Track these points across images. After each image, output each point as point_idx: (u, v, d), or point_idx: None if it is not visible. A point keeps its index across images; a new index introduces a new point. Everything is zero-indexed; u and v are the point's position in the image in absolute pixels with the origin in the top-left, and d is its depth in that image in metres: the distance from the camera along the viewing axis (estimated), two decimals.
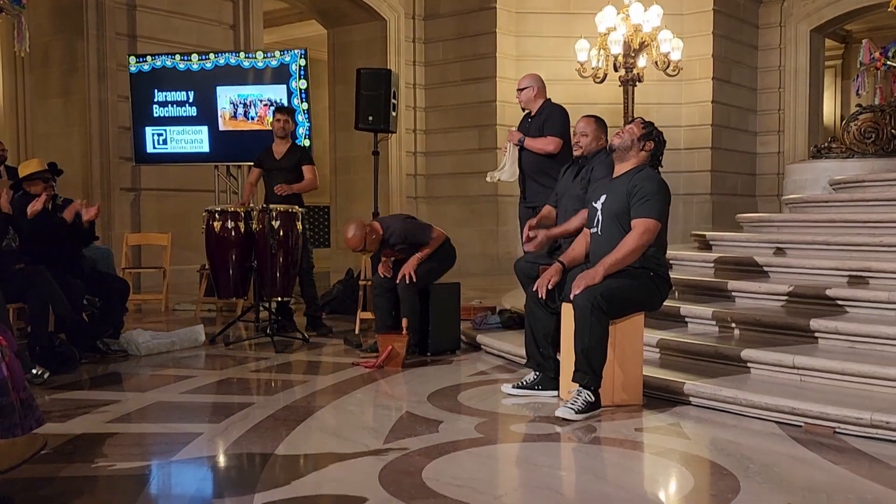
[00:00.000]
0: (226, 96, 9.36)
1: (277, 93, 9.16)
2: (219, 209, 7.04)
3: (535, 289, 4.83)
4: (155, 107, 9.57)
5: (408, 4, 14.87)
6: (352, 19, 14.84)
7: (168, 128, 9.58)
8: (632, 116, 9.80)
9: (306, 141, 8.89)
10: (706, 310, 5.57)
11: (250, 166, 8.18)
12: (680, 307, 5.71)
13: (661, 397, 4.77)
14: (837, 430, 4.03)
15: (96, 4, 11.00)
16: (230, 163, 9.73)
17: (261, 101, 9.25)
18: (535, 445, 4.08)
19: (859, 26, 18.01)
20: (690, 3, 14.41)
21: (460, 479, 3.44)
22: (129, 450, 3.95)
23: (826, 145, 8.99)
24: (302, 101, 9.07)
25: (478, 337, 6.66)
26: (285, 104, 8.85)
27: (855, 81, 10.51)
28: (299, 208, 7.11)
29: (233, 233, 6.94)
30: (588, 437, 4.14)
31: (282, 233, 6.85)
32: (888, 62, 9.44)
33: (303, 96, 9.10)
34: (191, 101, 9.48)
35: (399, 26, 14.75)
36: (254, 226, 6.92)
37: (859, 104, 9.11)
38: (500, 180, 6.71)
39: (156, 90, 9.55)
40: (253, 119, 9.31)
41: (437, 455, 3.76)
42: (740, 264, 6.24)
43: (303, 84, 9.10)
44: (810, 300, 5.31)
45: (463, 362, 6.20)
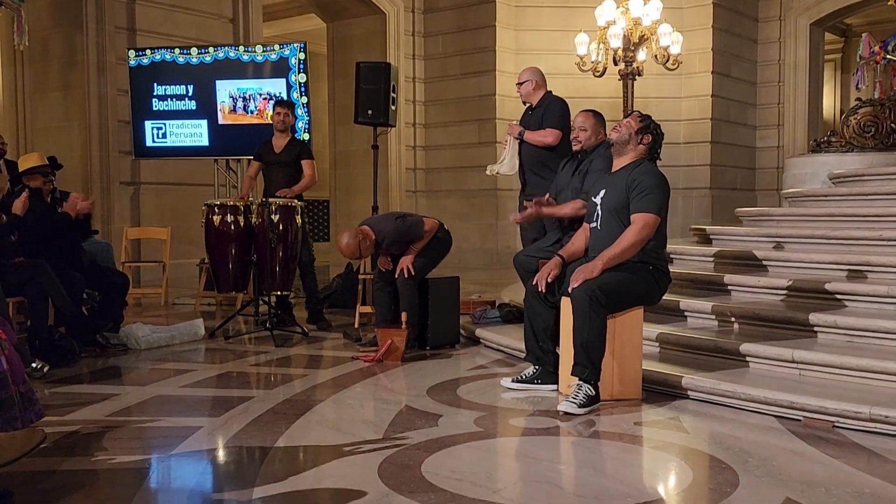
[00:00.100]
0: (225, 90, 9.35)
1: (277, 86, 9.15)
2: (218, 203, 7.04)
3: (535, 283, 4.83)
4: (154, 100, 9.55)
5: None
6: (351, 13, 14.84)
7: (167, 121, 9.57)
8: (631, 110, 9.79)
9: (305, 135, 8.88)
10: (705, 304, 5.57)
11: (249, 160, 8.17)
12: (679, 301, 5.71)
13: (660, 391, 4.78)
14: (836, 424, 4.04)
15: None
16: (230, 157, 9.72)
17: (260, 95, 9.23)
18: (535, 439, 4.08)
19: (859, 20, 18.01)
20: None
21: (459, 472, 3.45)
22: (128, 443, 3.95)
23: (825, 139, 9.00)
24: (301, 95, 9.06)
25: (477, 331, 6.67)
26: (285, 98, 8.84)
27: (854, 75, 10.51)
28: (298, 202, 7.11)
29: (232, 227, 6.93)
30: (587, 430, 4.15)
31: (281, 227, 6.85)
32: (888, 56, 9.44)
33: (302, 90, 9.09)
34: (190, 94, 9.46)
35: (398, 20, 14.74)
36: (253, 220, 6.92)
37: (859, 98, 9.11)
38: (499, 173, 6.70)
39: (155, 84, 9.54)
40: (252, 113, 9.29)
41: (436, 449, 3.76)
42: (740, 258, 6.24)
43: (302, 78, 9.09)
44: (809, 294, 5.31)
45: (462, 356, 6.21)
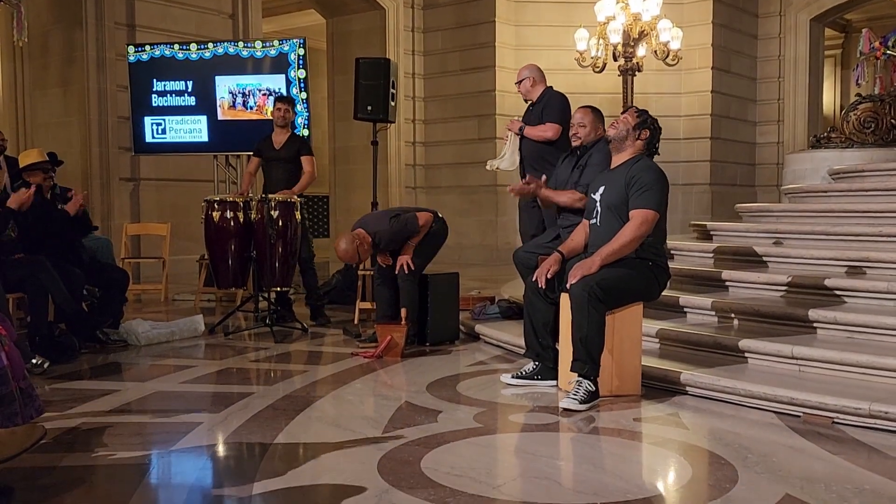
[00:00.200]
0: (224, 86, 9.34)
1: (276, 82, 9.14)
2: (218, 199, 7.04)
3: (535, 279, 4.83)
4: (154, 96, 9.54)
5: None
6: (351, 8, 14.81)
7: (167, 117, 9.56)
8: (634, 106, 9.78)
9: (305, 131, 8.88)
10: (705, 300, 5.57)
11: (249, 156, 8.17)
12: (679, 297, 5.71)
13: (659, 387, 4.78)
14: (836, 420, 4.04)
15: None
16: (229, 152, 9.72)
17: (259, 91, 9.23)
18: (534, 435, 4.08)
19: (859, 15, 17.99)
20: None
21: (459, 468, 3.45)
22: (128, 439, 3.95)
23: (825, 135, 8.99)
24: (301, 91, 9.05)
25: (477, 327, 6.67)
26: (284, 94, 8.84)
27: (854, 71, 10.50)
28: (298, 198, 7.11)
29: (232, 223, 6.93)
30: (587, 426, 4.15)
31: (280, 223, 6.85)
32: (888, 52, 9.43)
33: (301, 86, 9.08)
34: (189, 90, 9.46)
35: (398, 15, 14.72)
36: (252, 216, 6.92)
37: (859, 94, 9.10)
38: (499, 168, 6.70)
39: (154, 80, 9.52)
40: (252, 108, 9.29)
41: (435, 445, 3.77)
42: (739, 254, 6.24)
43: (301, 73, 9.08)
44: (809, 290, 5.32)
45: (462, 352, 6.21)
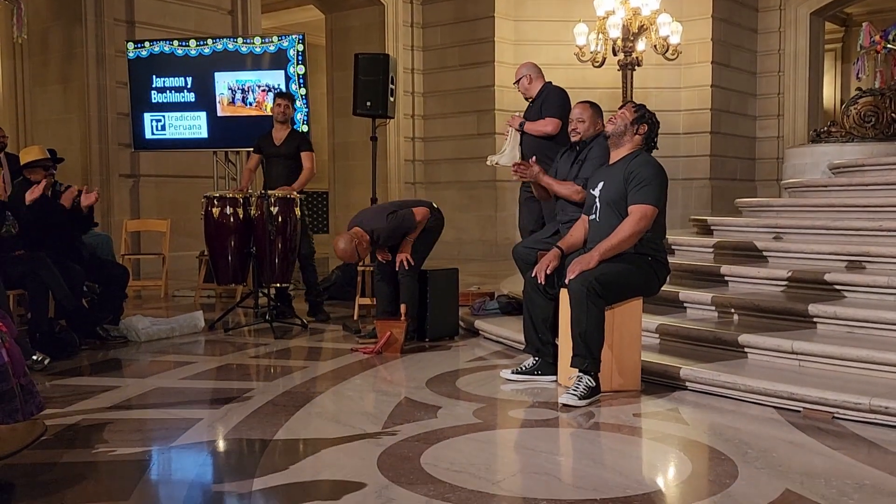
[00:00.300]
0: (224, 82, 9.33)
1: (275, 78, 9.13)
2: (217, 195, 7.03)
3: (534, 274, 4.83)
4: (153, 93, 9.54)
5: None
6: (350, 4, 14.80)
7: (166, 114, 9.55)
8: (631, 101, 9.77)
9: (304, 127, 8.87)
10: (705, 295, 5.57)
11: (249, 152, 8.16)
12: (679, 292, 5.71)
13: (659, 382, 4.78)
14: (836, 415, 4.04)
15: None
16: (229, 149, 9.71)
17: (259, 87, 9.22)
18: (534, 431, 4.09)
19: (859, 9, 17.96)
20: None
21: (458, 464, 3.45)
22: (129, 436, 3.96)
23: (826, 129, 8.99)
24: (300, 87, 9.04)
25: (476, 322, 6.67)
26: (283, 90, 8.83)
27: (855, 65, 10.50)
28: (298, 195, 7.10)
29: (231, 219, 6.93)
30: (586, 422, 4.15)
31: (280, 219, 6.84)
32: (888, 45, 9.42)
33: (301, 82, 9.07)
34: (189, 86, 9.45)
35: (397, 11, 14.70)
36: (252, 212, 6.92)
37: (859, 88, 9.09)
38: (498, 164, 6.70)
39: (154, 76, 9.52)
40: (251, 104, 9.28)
41: (435, 440, 3.77)
42: (739, 249, 6.24)
43: (301, 69, 9.08)
44: (809, 285, 5.31)
45: (461, 348, 6.21)
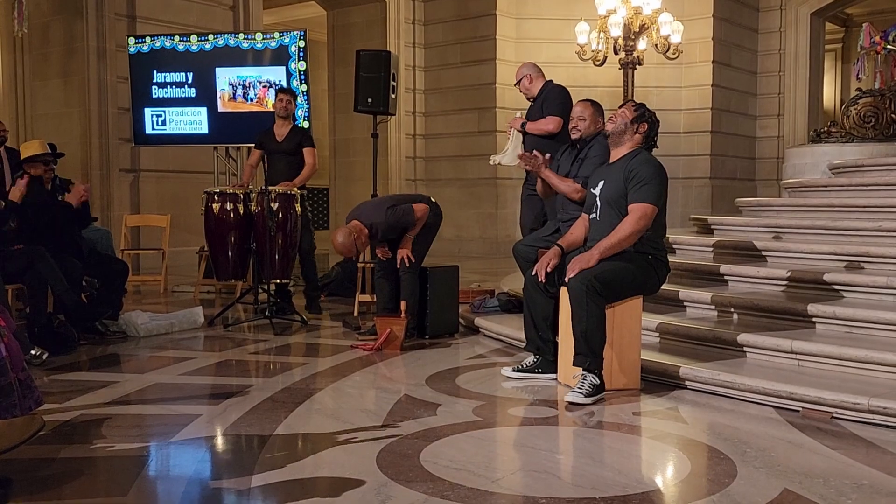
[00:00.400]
0: (225, 77, 9.32)
1: (276, 74, 9.12)
2: (218, 191, 7.03)
3: (534, 273, 4.83)
4: (154, 88, 9.53)
5: None
6: (351, 0, 14.78)
7: (167, 109, 9.54)
8: (631, 99, 9.77)
9: (305, 123, 8.86)
10: (705, 294, 5.57)
11: (249, 148, 8.15)
12: (679, 291, 5.71)
13: (659, 381, 4.78)
14: (835, 415, 4.04)
15: None
16: (229, 144, 9.70)
17: (260, 83, 9.21)
18: (533, 429, 4.08)
19: (860, 10, 17.97)
20: None
21: (458, 462, 3.45)
22: (127, 431, 3.95)
23: (826, 129, 8.99)
24: (301, 83, 9.03)
25: (476, 320, 6.67)
26: (284, 85, 8.82)
27: (855, 65, 10.51)
28: (301, 190, 7.09)
29: (232, 215, 6.93)
30: (586, 421, 4.15)
31: (280, 215, 6.84)
32: (888, 46, 9.42)
33: (302, 78, 9.06)
34: (190, 82, 9.44)
35: (398, 8, 14.69)
36: (252, 207, 6.91)
37: (859, 88, 9.10)
38: (500, 164, 6.70)
39: (155, 71, 9.51)
40: (252, 100, 9.27)
41: (434, 438, 3.77)
42: (739, 248, 6.23)
43: (302, 65, 9.07)
44: (809, 285, 5.31)
45: (461, 345, 6.21)
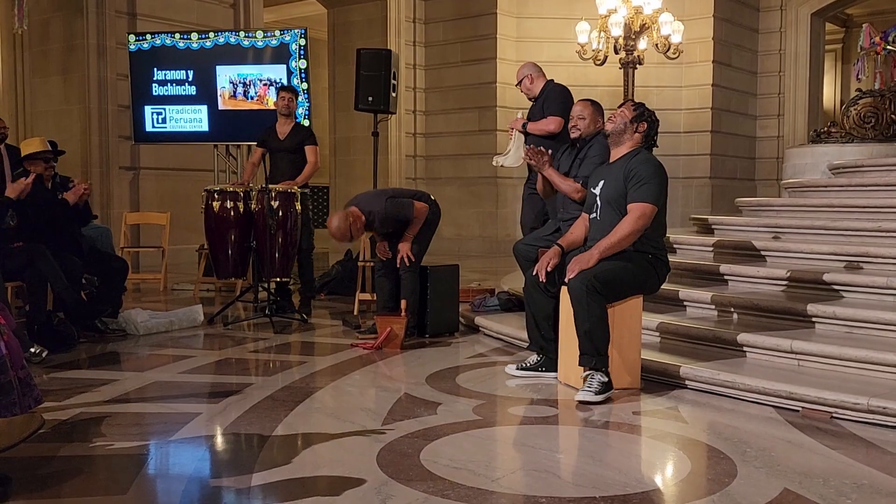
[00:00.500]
0: (225, 75, 9.32)
1: (277, 72, 9.12)
2: (218, 189, 7.03)
3: (535, 273, 4.83)
4: (154, 85, 9.53)
5: None
6: None
7: (167, 107, 9.54)
8: (632, 99, 9.77)
9: (305, 121, 8.85)
10: (705, 294, 5.57)
11: (249, 146, 8.14)
12: (679, 291, 5.71)
13: (659, 381, 4.78)
14: (834, 415, 4.04)
15: None
16: (229, 142, 9.70)
17: (260, 81, 9.21)
18: (533, 428, 4.09)
19: (860, 10, 17.97)
20: None
21: (458, 461, 3.45)
22: (127, 429, 3.95)
23: (826, 130, 8.99)
24: (301, 81, 9.03)
25: (476, 319, 6.67)
26: (285, 83, 8.82)
27: (855, 66, 10.51)
28: (304, 189, 7.09)
29: (232, 213, 6.92)
30: (586, 420, 4.15)
31: (280, 213, 6.84)
32: (888, 47, 9.42)
33: (302, 76, 9.06)
34: (190, 79, 9.44)
35: (399, 6, 14.68)
36: (253, 206, 6.91)
37: (859, 89, 9.10)
38: (503, 165, 6.70)
39: (155, 69, 9.51)
40: (252, 98, 9.27)
41: (435, 437, 3.77)
42: (739, 248, 6.23)
43: (302, 64, 9.06)
44: (808, 285, 5.31)
45: (461, 344, 6.21)
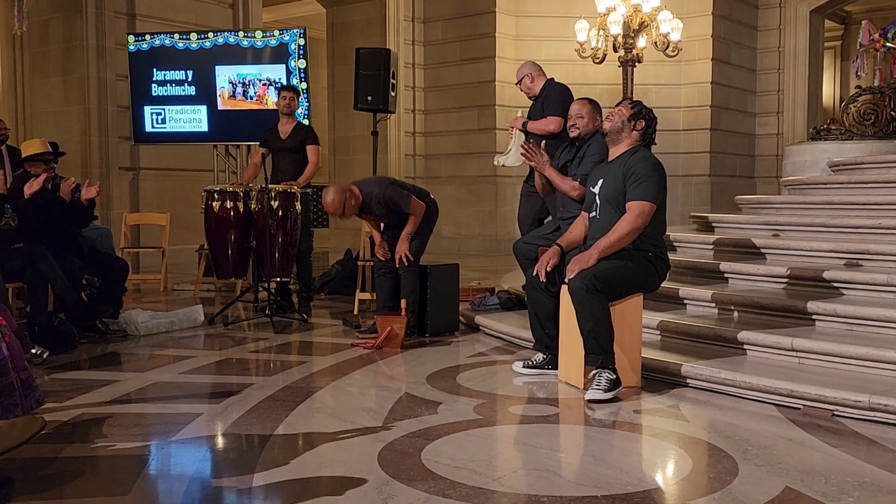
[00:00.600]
0: (225, 75, 9.31)
1: (276, 72, 9.12)
2: (218, 189, 7.02)
3: (535, 273, 4.83)
4: (154, 86, 9.52)
5: None
6: None
7: (167, 107, 9.54)
8: (628, 97, 9.76)
9: (305, 121, 8.85)
10: (705, 292, 5.57)
11: (249, 146, 8.13)
12: (679, 289, 5.71)
13: (659, 379, 4.78)
14: (836, 412, 4.04)
15: None
16: (229, 142, 9.70)
17: (259, 81, 9.21)
18: (534, 427, 4.09)
19: (859, 7, 17.97)
20: None
21: (459, 460, 3.45)
22: (128, 430, 3.95)
23: (825, 127, 8.99)
24: (301, 81, 9.02)
25: (476, 318, 6.67)
26: (285, 83, 8.82)
27: (854, 63, 10.50)
28: (300, 189, 7.08)
29: (232, 213, 6.92)
30: (587, 418, 4.15)
31: (280, 213, 6.84)
32: (888, 44, 9.42)
33: (302, 76, 9.06)
34: (189, 80, 9.43)
35: (398, 5, 14.68)
36: (252, 206, 6.91)
37: (858, 86, 9.09)
38: (504, 165, 6.70)
39: (155, 69, 9.51)
40: (252, 98, 9.27)
41: (435, 436, 3.77)
42: (739, 246, 6.23)
43: (302, 63, 9.06)
44: (809, 282, 5.31)
45: (462, 343, 6.21)
